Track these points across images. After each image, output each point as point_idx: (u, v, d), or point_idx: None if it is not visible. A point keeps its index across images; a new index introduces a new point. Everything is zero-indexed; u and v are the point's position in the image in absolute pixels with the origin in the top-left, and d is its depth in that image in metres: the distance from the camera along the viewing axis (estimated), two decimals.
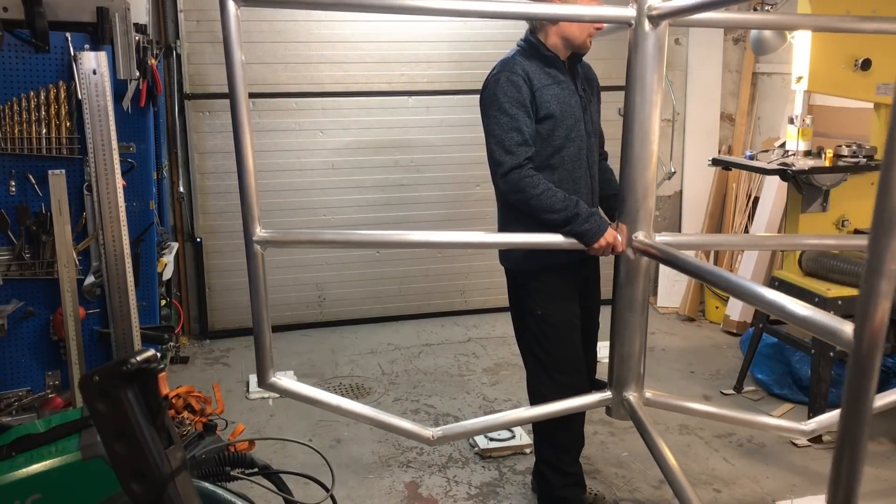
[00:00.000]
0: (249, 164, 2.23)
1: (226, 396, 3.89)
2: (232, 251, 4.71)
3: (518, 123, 2.42)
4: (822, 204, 3.52)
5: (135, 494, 1.16)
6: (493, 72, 2.52)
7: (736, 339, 4.63)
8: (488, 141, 2.47)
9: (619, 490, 3.04)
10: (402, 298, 5.01)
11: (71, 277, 2.73)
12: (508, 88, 2.43)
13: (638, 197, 2.37)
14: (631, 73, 2.31)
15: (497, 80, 2.46)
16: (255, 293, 2.25)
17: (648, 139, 2.33)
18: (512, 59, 2.49)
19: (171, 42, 4.39)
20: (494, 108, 2.44)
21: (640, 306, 2.46)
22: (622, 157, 2.40)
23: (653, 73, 2.27)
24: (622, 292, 2.47)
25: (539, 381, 2.68)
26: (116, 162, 2.66)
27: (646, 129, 2.32)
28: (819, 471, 3.17)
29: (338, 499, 2.72)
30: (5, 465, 1.64)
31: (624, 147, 2.39)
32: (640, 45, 2.26)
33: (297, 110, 4.63)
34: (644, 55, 2.26)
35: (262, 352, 2.32)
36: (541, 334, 2.62)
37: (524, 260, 2.62)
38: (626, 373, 2.52)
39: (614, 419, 2.69)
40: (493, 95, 2.45)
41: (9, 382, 2.82)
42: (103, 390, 1.14)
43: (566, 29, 2.49)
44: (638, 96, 2.30)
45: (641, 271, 2.43)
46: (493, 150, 2.46)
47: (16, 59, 2.67)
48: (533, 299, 2.62)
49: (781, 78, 4.86)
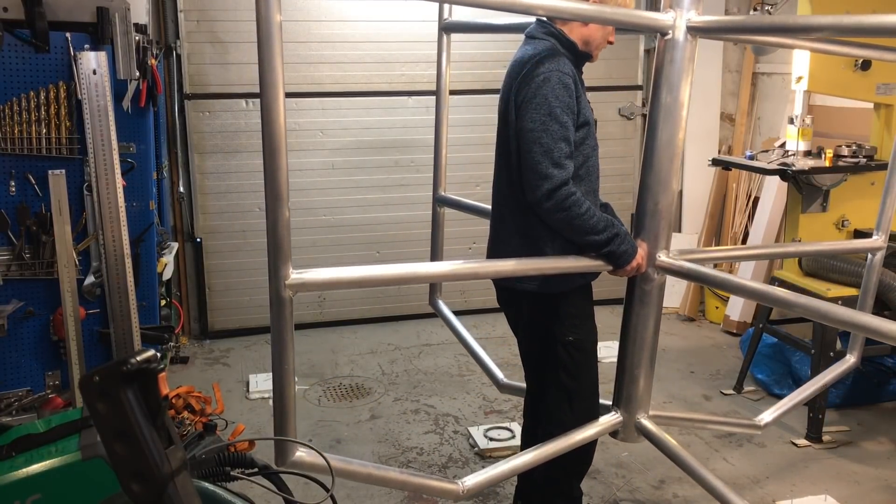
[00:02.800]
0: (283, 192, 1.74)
1: (226, 396, 3.89)
2: (232, 251, 4.71)
3: (567, 133, 2.15)
4: (822, 204, 3.52)
5: (135, 494, 1.16)
6: (535, 67, 2.17)
7: (736, 339, 4.63)
8: (531, 149, 2.14)
9: (619, 490, 3.04)
10: (402, 298, 5.00)
11: (71, 277, 2.73)
12: (560, 91, 2.14)
13: (662, 215, 2.24)
14: (658, 85, 2.17)
15: (547, 80, 2.14)
16: (280, 347, 1.82)
17: (674, 155, 2.20)
18: (558, 56, 2.20)
19: (171, 42, 4.39)
20: (544, 112, 2.13)
21: (655, 325, 2.36)
22: (644, 173, 2.25)
23: (685, 85, 2.14)
24: (638, 311, 2.35)
25: (562, 410, 2.44)
26: (116, 162, 2.66)
27: (673, 145, 2.19)
28: (819, 471, 3.17)
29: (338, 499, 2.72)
30: (5, 465, 1.64)
31: (646, 163, 2.24)
32: (674, 56, 2.12)
33: (297, 110, 4.62)
34: (676, 68, 2.12)
35: (284, 417, 1.88)
36: (571, 362, 2.39)
37: (557, 282, 2.33)
38: (638, 394, 2.43)
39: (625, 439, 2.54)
40: (544, 97, 2.13)
41: (9, 382, 2.82)
42: (103, 390, 1.14)
43: (593, 30, 2.28)
44: (663, 111, 2.17)
45: (658, 290, 2.32)
46: (538, 161, 2.13)
47: (16, 59, 2.67)
48: (564, 325, 2.36)
49: (781, 78, 4.87)
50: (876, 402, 3.76)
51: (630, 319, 2.38)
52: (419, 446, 3.37)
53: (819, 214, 3.53)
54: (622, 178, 5.14)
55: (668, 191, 2.23)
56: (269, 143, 1.76)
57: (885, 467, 3.20)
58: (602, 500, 2.98)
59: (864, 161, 3.41)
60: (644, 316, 2.35)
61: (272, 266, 1.76)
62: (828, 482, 3.07)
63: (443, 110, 2.82)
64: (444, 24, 2.81)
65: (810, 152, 3.53)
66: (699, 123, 5.27)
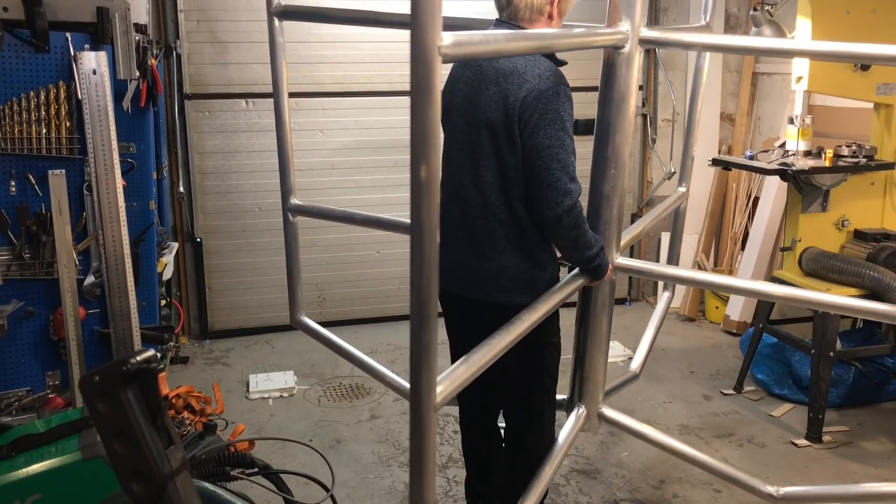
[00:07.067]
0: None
1: (226, 396, 3.89)
2: (232, 251, 4.71)
3: (574, 146, 2.16)
4: (822, 204, 3.52)
5: (135, 494, 1.16)
6: (540, 81, 2.13)
7: (736, 339, 4.63)
8: (550, 165, 2.11)
9: (619, 490, 3.04)
10: (402, 298, 5.00)
11: (71, 277, 2.73)
12: (568, 105, 2.14)
13: (615, 220, 2.34)
14: (608, 98, 2.23)
15: (557, 94, 2.12)
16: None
17: (625, 163, 2.28)
18: (557, 69, 2.20)
19: (171, 42, 4.39)
20: (557, 127, 2.11)
21: (609, 322, 2.49)
22: (597, 182, 2.31)
23: (632, 98, 2.21)
24: (596, 311, 2.45)
25: (544, 417, 2.47)
26: (116, 162, 2.66)
27: (623, 153, 2.26)
28: (819, 471, 3.17)
29: (338, 499, 2.72)
30: (5, 465, 1.64)
31: (599, 172, 2.30)
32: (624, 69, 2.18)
33: (297, 110, 4.62)
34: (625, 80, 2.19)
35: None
36: (552, 361, 2.43)
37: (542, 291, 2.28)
38: (597, 387, 2.53)
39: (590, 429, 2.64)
40: (556, 112, 2.11)
41: (9, 382, 2.82)
42: (103, 390, 1.15)
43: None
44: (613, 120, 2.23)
45: (612, 290, 2.46)
46: (557, 178, 2.10)
47: (16, 59, 2.67)
48: (546, 329, 2.34)
49: (781, 78, 4.87)
50: (876, 402, 3.76)
51: (588, 320, 2.47)
52: None
53: (819, 214, 3.53)
54: None
55: (620, 197, 2.32)
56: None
57: (885, 467, 3.20)
58: (602, 500, 2.98)
59: (864, 161, 3.41)
60: (601, 315, 2.46)
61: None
62: (828, 482, 3.07)
63: (283, 108, 2.46)
64: (276, 10, 2.37)
65: (810, 152, 3.53)
66: (699, 123, 5.27)
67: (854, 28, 3.24)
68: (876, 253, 3.37)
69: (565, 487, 3.05)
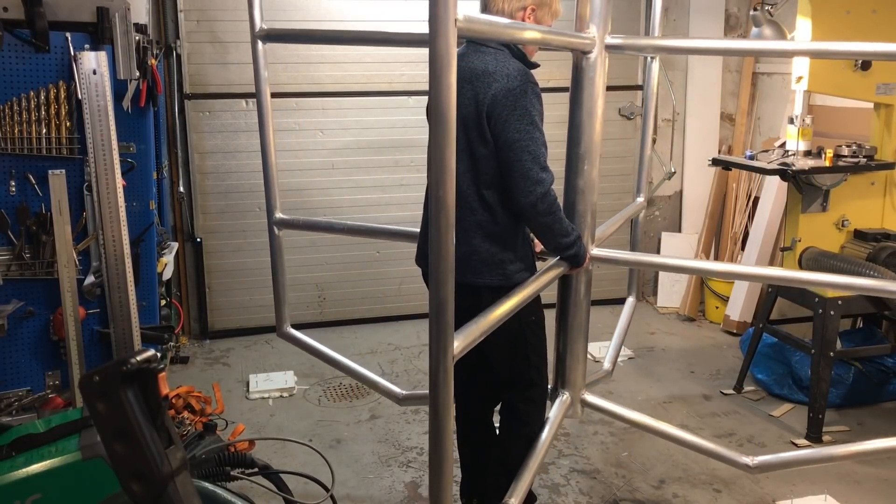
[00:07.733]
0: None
1: (226, 396, 3.89)
2: (232, 251, 4.71)
3: (545, 139, 2.32)
4: (822, 204, 3.52)
5: (135, 494, 1.16)
6: (508, 80, 2.29)
7: (736, 339, 4.63)
8: (521, 157, 2.28)
9: (619, 490, 3.04)
10: (402, 298, 5.00)
11: (71, 277, 2.73)
12: (536, 101, 2.31)
13: (589, 213, 2.46)
14: (577, 100, 2.37)
15: (524, 91, 2.28)
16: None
17: (596, 159, 2.42)
18: (525, 68, 2.36)
19: (171, 42, 4.39)
20: (526, 122, 2.28)
21: (587, 310, 2.59)
22: (572, 178, 2.45)
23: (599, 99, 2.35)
24: (579, 301, 2.55)
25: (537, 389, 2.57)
26: (116, 162, 2.66)
27: (593, 151, 2.40)
28: (819, 471, 3.17)
29: (338, 499, 2.72)
30: (5, 465, 1.64)
31: (572, 170, 2.44)
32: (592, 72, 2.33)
33: (297, 110, 4.62)
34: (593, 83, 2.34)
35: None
36: (534, 338, 2.54)
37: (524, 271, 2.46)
38: (578, 374, 2.61)
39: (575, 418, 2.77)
40: (524, 108, 2.28)
41: (9, 382, 2.82)
42: (103, 390, 1.15)
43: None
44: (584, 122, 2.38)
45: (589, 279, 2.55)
46: (528, 168, 2.27)
47: (16, 59, 2.67)
48: (529, 306, 2.41)
49: (781, 78, 4.86)
50: (876, 402, 3.76)
51: (569, 309, 2.57)
52: (419, 446, 3.37)
53: (819, 214, 3.53)
54: (622, 179, 5.13)
55: (593, 191, 2.45)
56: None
57: (885, 467, 3.20)
58: (602, 500, 2.98)
59: (864, 161, 3.41)
60: (580, 304, 2.55)
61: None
62: (828, 482, 3.07)
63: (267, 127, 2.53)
64: (259, 33, 2.45)
65: (810, 152, 3.53)
66: (699, 123, 5.27)
67: (854, 28, 3.24)
68: (876, 253, 3.37)
69: (565, 487, 3.05)
